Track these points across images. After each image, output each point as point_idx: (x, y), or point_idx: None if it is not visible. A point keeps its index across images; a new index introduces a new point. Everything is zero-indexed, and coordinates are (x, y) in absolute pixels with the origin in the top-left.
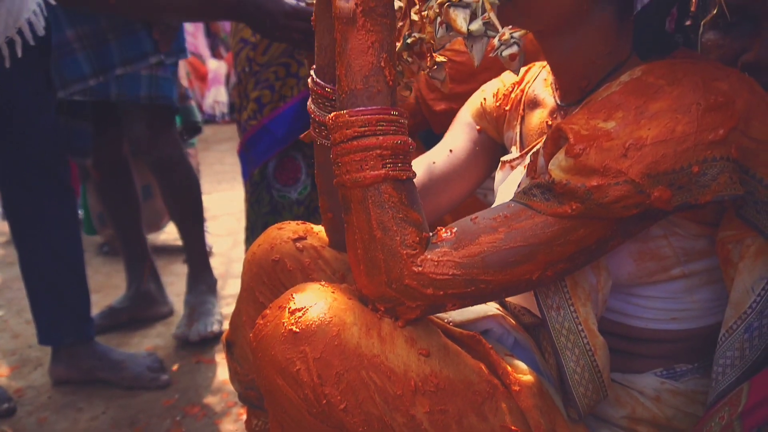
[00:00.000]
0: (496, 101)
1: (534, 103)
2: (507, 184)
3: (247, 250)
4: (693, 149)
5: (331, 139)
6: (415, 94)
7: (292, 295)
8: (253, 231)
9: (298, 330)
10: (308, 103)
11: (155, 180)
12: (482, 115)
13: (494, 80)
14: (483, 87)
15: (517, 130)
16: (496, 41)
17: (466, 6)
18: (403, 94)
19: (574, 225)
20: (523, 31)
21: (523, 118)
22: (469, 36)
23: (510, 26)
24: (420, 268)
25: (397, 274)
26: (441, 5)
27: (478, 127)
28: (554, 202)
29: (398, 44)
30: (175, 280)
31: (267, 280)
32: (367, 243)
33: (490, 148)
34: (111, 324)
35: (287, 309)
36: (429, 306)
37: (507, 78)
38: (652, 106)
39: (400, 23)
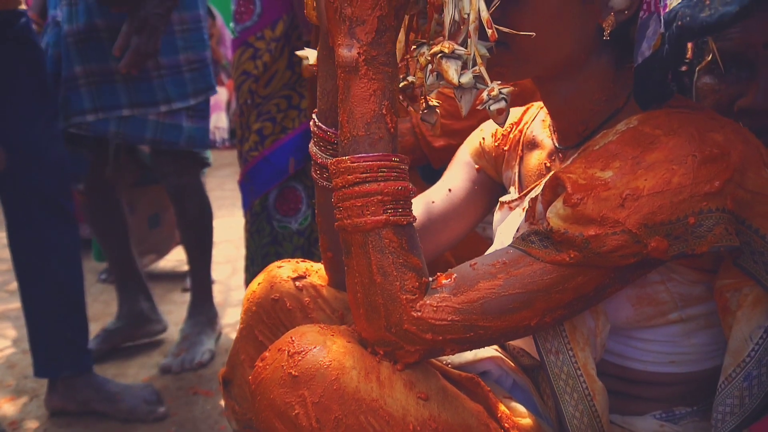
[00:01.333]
0: (495, 141)
1: (532, 144)
2: (506, 225)
3: (246, 279)
4: (689, 201)
5: (333, 183)
6: (414, 130)
7: (291, 337)
8: (252, 261)
9: (297, 374)
10: (310, 145)
11: (172, 206)
12: (481, 154)
13: None
14: (482, 126)
15: (516, 170)
16: (485, 95)
17: (458, 57)
18: (429, 122)
19: (572, 273)
20: (511, 87)
21: (521, 158)
22: (459, 87)
23: (499, 82)
24: (419, 314)
25: (397, 318)
26: (433, 55)
27: (476, 167)
28: (552, 249)
29: None
30: (173, 309)
31: (266, 319)
32: (367, 287)
33: (488, 187)
34: (108, 348)
35: (286, 352)
36: (428, 350)
37: None
38: (649, 157)
39: None
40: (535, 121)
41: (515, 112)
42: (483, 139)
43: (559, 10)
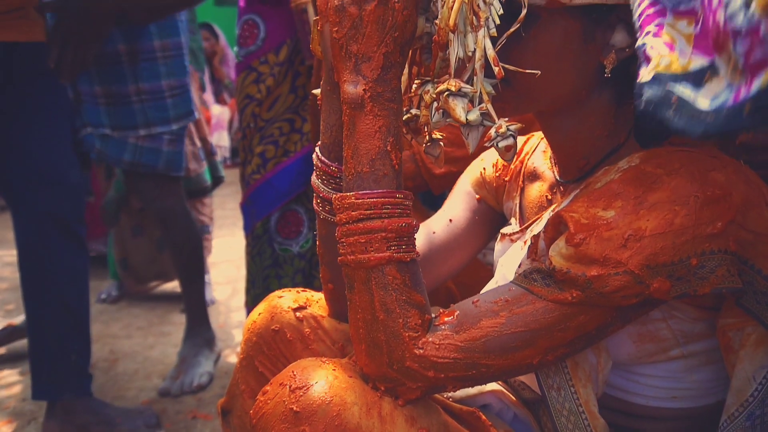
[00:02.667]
0: (496, 171)
1: (533, 176)
2: (507, 257)
3: (247, 302)
4: (691, 242)
5: (337, 219)
6: (415, 157)
7: (293, 372)
8: (253, 284)
9: (298, 409)
10: (312, 178)
11: (160, 231)
12: (482, 184)
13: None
14: (482, 156)
15: (517, 201)
16: (492, 132)
17: (464, 95)
18: (433, 155)
19: (575, 311)
20: (518, 124)
21: (522, 189)
22: (467, 125)
23: (506, 118)
24: (422, 351)
25: (399, 355)
26: (439, 93)
27: (477, 196)
28: (555, 288)
29: None
30: (172, 330)
31: (267, 350)
32: (370, 323)
33: (489, 217)
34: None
35: (288, 387)
36: (430, 387)
37: None
38: (651, 197)
39: None
40: (536, 151)
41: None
42: (484, 169)
43: (561, 48)
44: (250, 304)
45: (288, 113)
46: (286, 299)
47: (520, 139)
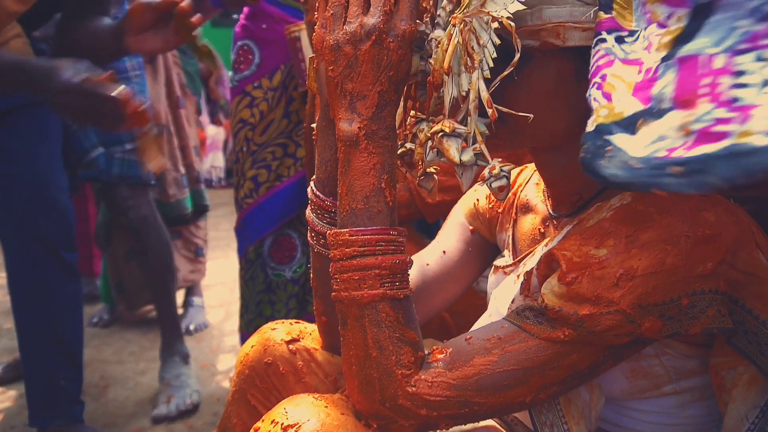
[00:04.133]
0: (489, 203)
1: (526, 208)
2: (500, 290)
3: (240, 326)
4: (682, 282)
5: (331, 255)
6: (408, 185)
7: (285, 409)
8: (247, 309)
9: None
10: (307, 212)
11: (134, 243)
12: (475, 215)
13: None
14: (476, 187)
15: (510, 233)
16: (486, 173)
17: (458, 135)
18: (427, 188)
19: (567, 350)
20: (511, 165)
21: (515, 221)
22: (461, 165)
23: (500, 159)
24: (414, 389)
25: (392, 393)
26: (434, 133)
27: (471, 228)
28: (547, 326)
29: None
30: None
31: (259, 383)
32: (363, 360)
33: (483, 249)
34: (15, 376)
35: (280, 425)
36: (422, 425)
37: None
38: (643, 236)
39: None
40: (529, 183)
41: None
42: (477, 200)
43: (554, 87)
44: (244, 329)
45: (281, 138)
46: (279, 331)
47: (513, 171)
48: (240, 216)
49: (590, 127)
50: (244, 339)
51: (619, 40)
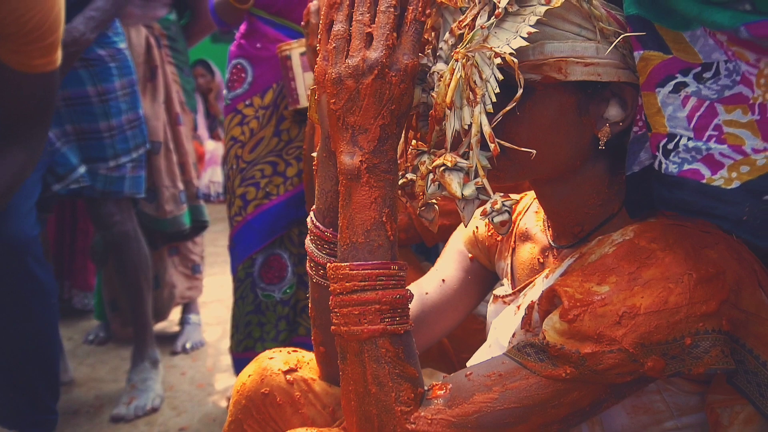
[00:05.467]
0: (488, 230)
1: (525, 236)
2: (500, 320)
3: (231, 347)
4: (685, 321)
5: (330, 288)
6: (408, 210)
7: None
8: (236, 329)
9: None
10: (306, 242)
11: (113, 255)
12: (474, 243)
13: None
14: (475, 214)
15: (509, 261)
16: (488, 207)
17: (460, 170)
18: (427, 218)
19: (568, 388)
20: (513, 200)
21: (514, 250)
22: (462, 199)
23: (501, 193)
24: (413, 426)
25: (391, 430)
26: (436, 167)
27: (470, 256)
28: (548, 363)
29: None
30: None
31: (256, 414)
32: (362, 396)
33: (482, 277)
34: None
35: None
36: None
37: None
38: (645, 273)
39: None
40: (528, 212)
41: None
42: (477, 228)
43: (556, 121)
44: (234, 349)
45: (271, 156)
46: (276, 360)
47: (513, 198)
48: (230, 234)
49: (729, 184)
50: (234, 360)
51: (699, 79)
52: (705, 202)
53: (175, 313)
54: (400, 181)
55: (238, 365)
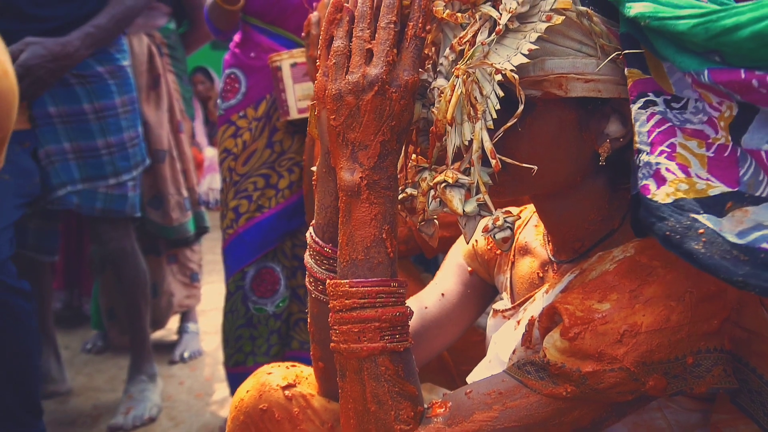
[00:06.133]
0: (488, 244)
1: (525, 250)
2: (500, 335)
3: (224, 361)
4: (687, 340)
5: (330, 305)
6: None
7: None
8: (227, 343)
9: None
10: (305, 257)
11: (108, 270)
12: (474, 257)
13: None
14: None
15: (508, 275)
16: (489, 224)
17: (461, 186)
18: (427, 233)
19: (569, 406)
20: (515, 216)
21: (513, 263)
22: (464, 215)
23: (503, 210)
24: None
25: None
26: (437, 183)
27: (469, 269)
28: (549, 382)
29: None
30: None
31: (254, 430)
32: (361, 414)
33: (481, 290)
34: None
35: None
36: None
37: None
38: (646, 291)
39: None
40: (528, 225)
41: None
42: (476, 241)
43: (556, 136)
44: (226, 363)
45: (263, 168)
46: (275, 376)
47: (512, 212)
48: (223, 246)
49: (664, 198)
50: (226, 374)
51: (668, 105)
52: (649, 218)
53: (173, 322)
54: (400, 196)
55: (231, 379)
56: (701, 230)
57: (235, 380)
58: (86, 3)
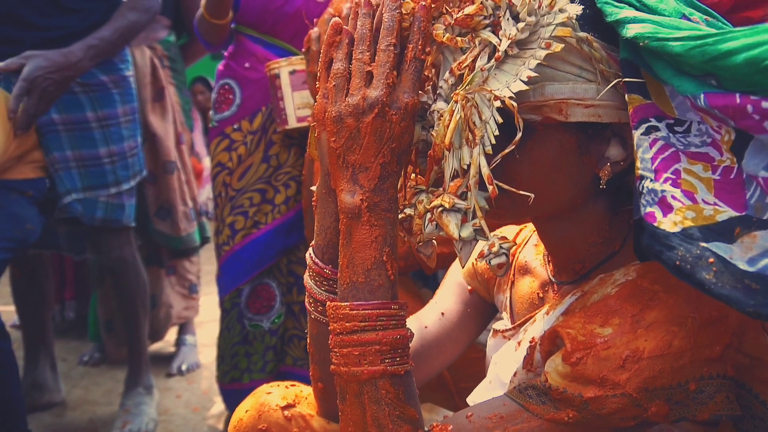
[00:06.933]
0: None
1: (524, 270)
2: (500, 356)
3: (218, 377)
4: (689, 366)
5: (330, 328)
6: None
7: None
8: (222, 359)
9: None
10: (305, 278)
11: (108, 280)
12: (473, 275)
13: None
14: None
15: (508, 294)
16: (485, 249)
17: (458, 211)
18: (426, 254)
19: (571, 431)
20: (510, 242)
21: (513, 283)
22: (460, 240)
23: (499, 236)
24: None
25: None
26: (433, 207)
27: (469, 288)
28: (551, 406)
29: None
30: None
31: None
32: None
33: (481, 309)
34: None
35: None
36: None
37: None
38: (648, 316)
39: None
40: (528, 245)
41: (508, 234)
42: (476, 260)
43: (556, 160)
44: (220, 380)
45: (259, 183)
46: (274, 396)
47: (512, 231)
48: (219, 264)
49: (671, 227)
50: (221, 390)
51: (671, 129)
52: (656, 246)
53: (171, 334)
54: (399, 217)
55: (226, 395)
56: (711, 259)
57: (230, 396)
58: (90, 15)
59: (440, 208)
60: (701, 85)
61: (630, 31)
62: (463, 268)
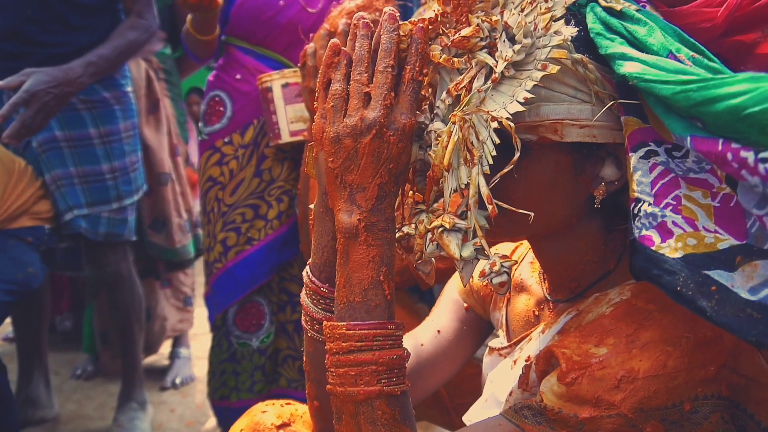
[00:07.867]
0: (485, 283)
1: (520, 287)
2: (496, 374)
3: (208, 393)
4: (684, 386)
5: (327, 347)
6: (405, 260)
7: None
8: (213, 376)
9: None
10: (302, 296)
11: (104, 294)
12: (469, 293)
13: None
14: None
15: (504, 312)
16: (486, 269)
17: (458, 230)
18: (424, 271)
19: None
20: (512, 261)
21: (509, 300)
22: (461, 260)
23: (500, 255)
24: None
25: None
26: (434, 228)
27: (465, 305)
28: (546, 426)
29: None
30: (149, 410)
31: None
32: None
33: (477, 327)
34: None
35: None
36: None
37: None
38: (643, 335)
39: None
40: (524, 263)
41: (504, 252)
42: (472, 277)
43: (552, 179)
44: (210, 396)
45: (252, 198)
46: (269, 414)
47: (508, 248)
48: (210, 281)
49: (672, 252)
50: (212, 406)
51: (669, 154)
52: (654, 270)
53: (165, 347)
54: (397, 235)
55: (218, 412)
56: (713, 287)
57: (221, 413)
58: (94, 32)
59: (441, 229)
60: (688, 128)
61: (622, 68)
62: (465, 287)
